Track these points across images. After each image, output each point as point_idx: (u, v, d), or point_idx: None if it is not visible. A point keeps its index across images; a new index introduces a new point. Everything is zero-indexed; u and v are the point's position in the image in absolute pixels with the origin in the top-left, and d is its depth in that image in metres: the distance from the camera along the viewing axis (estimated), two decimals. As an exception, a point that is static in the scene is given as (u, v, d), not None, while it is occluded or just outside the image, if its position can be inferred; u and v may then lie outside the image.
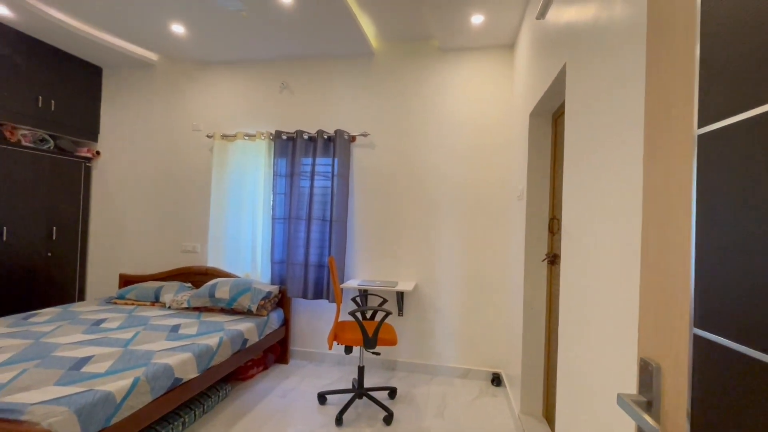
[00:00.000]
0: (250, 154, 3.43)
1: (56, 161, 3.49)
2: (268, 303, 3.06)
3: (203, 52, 3.43)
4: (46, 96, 3.33)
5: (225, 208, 3.47)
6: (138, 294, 3.18)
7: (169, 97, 3.70)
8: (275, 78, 3.48)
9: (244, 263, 3.46)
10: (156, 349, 2.09)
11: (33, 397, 1.47)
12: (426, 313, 3.17)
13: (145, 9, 2.76)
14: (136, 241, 3.74)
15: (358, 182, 3.31)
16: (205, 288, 3.01)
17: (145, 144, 3.75)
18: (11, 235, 3.14)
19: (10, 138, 3.14)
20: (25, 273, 3.26)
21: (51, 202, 3.45)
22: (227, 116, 3.58)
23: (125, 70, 3.80)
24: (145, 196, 3.73)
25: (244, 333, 2.61)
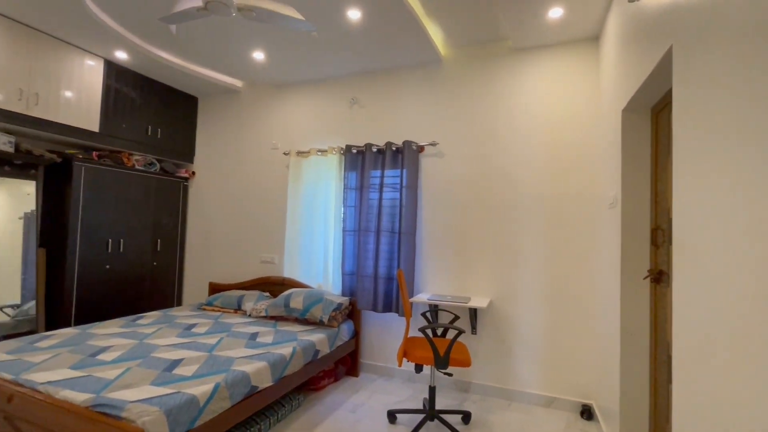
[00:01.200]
0: (322, 168, 3.55)
1: (161, 182, 3.98)
2: (339, 314, 3.09)
3: (280, 76, 3.67)
4: (154, 125, 3.83)
5: (299, 221, 3.62)
6: (223, 301, 3.44)
7: (251, 119, 4.02)
8: (345, 94, 3.58)
9: (316, 274, 3.57)
10: (236, 356, 2.20)
11: (132, 395, 1.62)
12: (502, 332, 2.93)
13: (233, 41, 3.04)
14: (223, 252, 4.08)
15: (426, 193, 3.23)
16: (280, 298, 3.14)
17: (231, 163, 4.10)
18: (126, 247, 3.63)
19: (126, 163, 3.66)
20: (136, 279, 3.74)
21: (156, 218, 3.93)
22: (301, 134, 3.77)
23: (216, 98, 4.23)
24: (231, 210, 4.07)
25: (315, 344, 2.65)
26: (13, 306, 3.06)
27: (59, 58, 3.07)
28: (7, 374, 1.82)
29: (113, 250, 3.52)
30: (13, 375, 1.81)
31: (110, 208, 3.50)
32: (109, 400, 1.56)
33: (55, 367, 1.92)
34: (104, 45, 3.14)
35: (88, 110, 3.26)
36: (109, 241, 3.48)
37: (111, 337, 2.47)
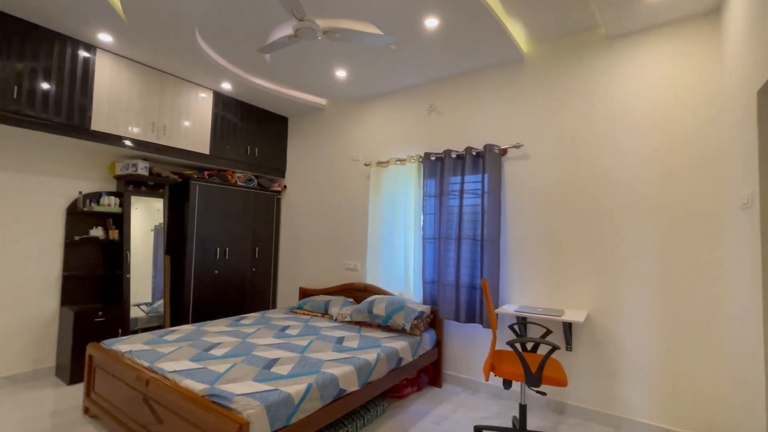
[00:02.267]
0: (401, 177, 3.60)
1: (258, 195, 4.42)
2: (421, 323, 3.07)
3: (360, 91, 3.83)
4: (252, 145, 4.28)
5: (380, 229, 3.71)
6: (312, 306, 3.67)
7: (334, 134, 4.26)
8: (423, 102, 3.60)
9: (397, 281, 3.61)
10: (325, 358, 2.32)
11: (238, 388, 1.80)
12: (604, 351, 2.63)
13: (317, 63, 3.27)
14: (311, 259, 4.36)
15: (510, 198, 3.07)
16: (364, 304, 3.24)
17: (317, 176, 4.39)
18: (230, 254, 4.09)
19: (231, 180, 4.14)
20: (238, 283, 4.18)
21: (254, 228, 4.36)
22: (381, 144, 3.87)
23: (303, 116, 4.58)
24: (318, 220, 4.34)
25: (399, 351, 2.67)
26: (147, 304, 3.64)
27: (180, 94, 3.61)
28: (145, 361, 2.17)
29: (220, 257, 4.00)
30: (148, 362, 2.15)
31: (217, 220, 3.98)
32: (220, 392, 1.76)
33: (179, 358, 2.22)
34: (213, 79, 3.62)
35: (201, 136, 3.78)
36: (217, 249, 3.96)
37: (220, 334, 2.78)
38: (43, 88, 2.77)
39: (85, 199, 3.30)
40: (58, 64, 2.85)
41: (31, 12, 2.61)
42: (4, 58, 2.60)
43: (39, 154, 3.12)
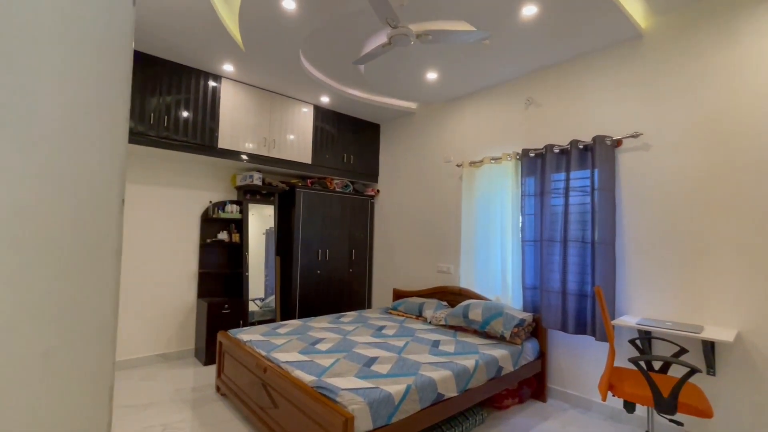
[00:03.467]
0: (497, 176, 3.44)
1: (353, 200, 4.65)
2: (522, 331, 2.88)
3: (450, 91, 3.78)
4: (348, 153, 4.53)
5: (474, 232, 3.59)
6: (406, 307, 3.71)
7: (425, 137, 4.27)
8: (519, 96, 3.39)
9: (493, 286, 3.44)
10: (422, 361, 2.32)
11: (342, 383, 1.90)
12: (765, 378, 2.13)
13: (408, 68, 3.32)
14: (403, 261, 4.42)
15: (627, 194, 2.70)
16: (459, 308, 3.16)
17: (409, 180, 4.45)
18: (330, 256, 4.38)
19: (330, 186, 4.44)
20: (337, 283, 4.45)
21: (350, 231, 4.60)
22: (473, 144, 3.76)
23: (394, 122, 4.70)
24: (410, 223, 4.39)
25: (498, 360, 2.54)
26: (260, 299, 4.09)
27: (285, 110, 4.01)
28: (262, 351, 2.43)
29: (321, 258, 4.30)
30: (265, 352, 2.41)
31: (319, 224, 4.30)
32: (326, 384, 1.88)
33: (290, 350, 2.45)
34: (314, 93, 3.93)
35: (303, 147, 4.13)
36: (318, 251, 4.28)
37: (323, 330, 2.99)
38: (183, 116, 3.32)
39: (214, 208, 3.86)
40: (195, 95, 3.40)
41: (176, 53, 3.16)
42: (157, 95, 3.20)
43: (180, 171, 3.75)
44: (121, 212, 0.26)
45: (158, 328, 3.57)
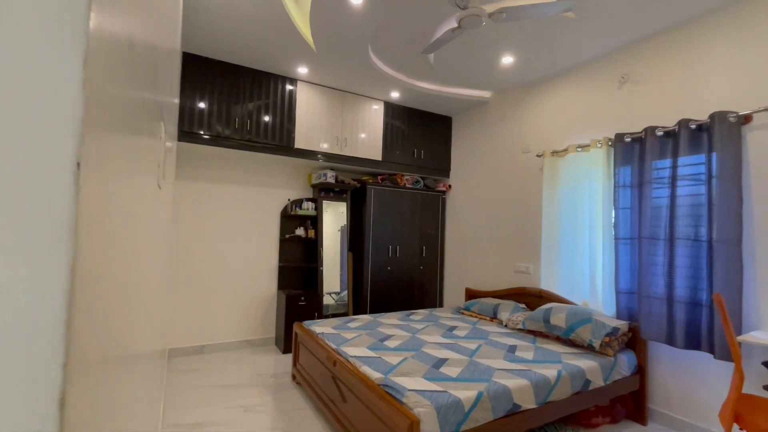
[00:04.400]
0: (584, 166, 3.07)
1: (424, 196, 4.56)
2: (615, 341, 2.53)
3: (529, 74, 3.48)
4: (418, 148, 4.45)
5: (557, 228, 3.26)
6: (480, 308, 3.51)
7: (500, 127, 4.00)
8: (611, 74, 2.98)
9: (580, 289, 3.09)
10: (495, 366, 2.15)
11: (409, 383, 1.84)
12: None
13: (480, 54, 3.13)
14: (477, 259, 4.21)
15: (758, 182, 2.19)
16: (539, 312, 2.89)
17: (482, 173, 4.22)
18: (400, 252, 4.35)
19: (400, 183, 4.41)
20: (407, 280, 4.40)
21: (421, 228, 4.52)
22: (556, 131, 3.41)
23: (466, 113, 4.49)
24: (484, 219, 4.16)
25: (585, 372, 2.25)
26: (335, 293, 4.22)
27: (357, 109, 4.06)
28: (333, 344, 2.48)
29: (392, 255, 4.29)
30: (335, 345, 2.45)
31: (389, 221, 4.29)
32: (393, 383, 1.83)
33: (359, 345, 2.46)
34: (383, 89, 3.92)
35: (374, 144, 4.15)
36: (389, 247, 4.27)
37: (392, 327, 2.96)
38: (264, 120, 3.55)
39: (292, 205, 4.08)
40: (273, 99, 3.61)
41: (257, 60, 3.38)
42: (241, 101, 3.46)
43: (261, 171, 4.03)
44: (76, 180, 0.21)
45: (244, 316, 3.89)
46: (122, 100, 0.46)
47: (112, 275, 0.46)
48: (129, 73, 0.48)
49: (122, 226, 0.52)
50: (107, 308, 0.41)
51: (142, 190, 0.68)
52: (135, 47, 0.51)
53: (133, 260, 0.62)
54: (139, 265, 0.69)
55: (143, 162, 0.66)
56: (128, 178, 0.51)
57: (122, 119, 0.46)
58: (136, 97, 0.55)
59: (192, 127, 3.23)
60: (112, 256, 0.45)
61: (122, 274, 0.53)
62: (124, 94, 0.45)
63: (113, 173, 0.42)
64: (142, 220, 0.70)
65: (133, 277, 0.64)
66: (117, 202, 0.44)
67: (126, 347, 0.60)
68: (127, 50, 0.46)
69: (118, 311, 0.50)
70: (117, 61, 0.40)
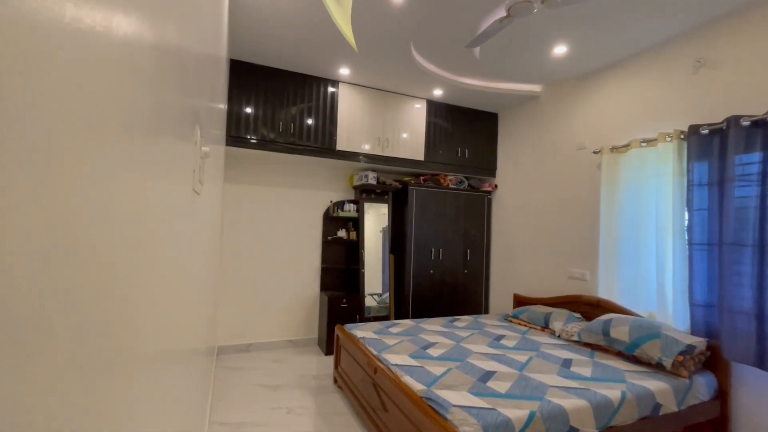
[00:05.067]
0: (649, 163, 2.77)
1: (468, 197, 4.38)
2: (690, 361, 2.23)
3: (585, 64, 3.21)
4: (462, 147, 4.29)
5: (617, 231, 2.97)
6: (529, 316, 3.30)
7: (552, 123, 3.74)
8: (682, 59, 2.66)
9: (645, 299, 2.79)
10: (549, 383, 1.98)
11: (454, 398, 1.73)
12: None
13: (529, 46, 2.92)
14: (526, 263, 3.97)
15: None
16: (597, 323, 2.64)
17: (532, 172, 3.97)
18: (443, 255, 4.21)
19: (443, 183, 4.27)
20: (451, 284, 4.26)
21: (465, 230, 4.34)
22: (616, 125, 3.11)
23: (514, 109, 4.26)
24: (533, 221, 3.91)
25: (654, 394, 2.01)
26: (378, 294, 4.17)
27: (399, 109, 3.99)
28: (374, 350, 2.42)
29: (435, 257, 4.16)
30: (376, 351, 2.39)
31: (432, 222, 4.17)
32: (436, 396, 1.73)
33: (400, 352, 2.38)
34: (426, 87, 3.82)
35: (416, 144, 4.06)
36: (431, 249, 4.15)
37: (435, 334, 2.85)
38: (307, 123, 3.58)
39: (334, 207, 4.09)
40: (316, 102, 3.63)
41: (300, 64, 3.42)
42: (286, 105, 3.51)
43: (304, 173, 4.08)
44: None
45: (288, 317, 3.96)
46: (145, 104, 0.45)
47: (141, 274, 0.47)
48: (151, 77, 0.47)
49: (151, 230, 0.52)
50: (129, 304, 0.42)
51: (171, 194, 0.66)
52: (159, 50, 0.51)
53: (164, 263, 0.62)
54: (171, 267, 0.69)
55: (169, 166, 0.63)
56: (150, 182, 0.49)
57: (144, 123, 0.45)
58: (159, 102, 0.53)
59: (240, 131, 3.33)
60: (138, 258, 0.45)
61: (152, 273, 0.54)
62: (145, 99, 0.45)
63: (133, 177, 0.42)
64: (172, 224, 0.68)
65: (165, 277, 0.64)
66: (137, 206, 0.44)
67: (158, 344, 0.61)
68: (148, 54, 0.46)
69: (146, 308, 0.51)
70: (133, 65, 0.40)
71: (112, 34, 0.32)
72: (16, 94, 0.20)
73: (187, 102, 0.77)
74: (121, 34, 0.34)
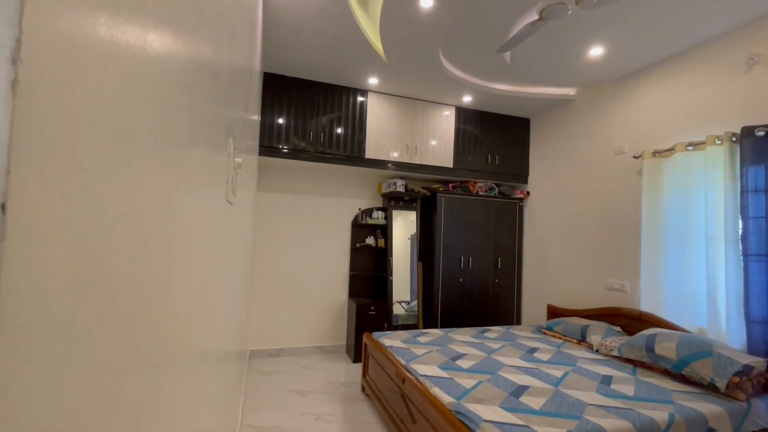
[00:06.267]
0: (696, 168, 2.60)
1: (499, 204, 4.28)
2: (747, 383, 2.05)
3: (623, 66, 3.07)
4: (492, 153, 4.21)
5: (661, 240, 2.80)
6: (565, 329, 3.15)
7: (588, 127, 3.60)
8: (732, 56, 2.49)
9: (693, 314, 2.60)
10: (587, 401, 1.87)
11: (485, 412, 1.67)
12: None
13: (563, 48, 2.84)
14: (560, 273, 3.81)
15: None
16: (640, 338, 2.48)
17: (566, 179, 3.83)
18: (473, 264, 4.12)
19: (472, 190, 4.20)
20: (481, 293, 4.15)
21: (496, 238, 4.24)
22: (658, 128, 2.95)
23: (547, 114, 4.13)
24: (568, 229, 3.75)
25: (707, 418, 1.85)
26: (406, 302, 4.14)
27: (427, 116, 3.98)
28: (402, 359, 2.39)
29: (464, 266, 4.08)
30: (405, 361, 2.36)
31: (461, 230, 4.10)
32: (466, 410, 1.68)
33: (429, 362, 2.33)
34: (455, 94, 3.79)
35: (445, 151, 4.02)
36: (461, 258, 4.07)
37: (465, 345, 2.78)
38: (337, 132, 3.64)
39: (362, 214, 4.11)
40: (345, 111, 3.69)
41: (330, 75, 3.49)
42: (316, 115, 3.59)
43: (333, 182, 4.14)
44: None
45: (316, 323, 4.00)
46: (179, 117, 0.47)
47: (174, 281, 0.49)
48: (185, 91, 0.49)
49: (184, 240, 0.54)
50: (162, 310, 0.44)
51: (204, 205, 0.68)
52: (194, 66, 0.53)
53: (197, 271, 0.64)
54: (204, 276, 0.71)
55: (203, 177, 0.65)
56: (184, 192, 0.51)
57: (177, 136, 0.47)
58: (193, 114, 0.54)
59: (272, 141, 3.43)
60: (171, 266, 0.47)
61: (186, 281, 0.56)
62: (179, 112, 0.46)
63: (166, 187, 0.43)
64: (206, 234, 0.71)
65: (198, 284, 0.66)
66: (170, 215, 0.45)
67: (193, 347, 0.63)
68: (183, 69, 0.47)
69: (180, 314, 0.53)
70: (168, 80, 0.41)
71: (145, 49, 0.33)
72: (49, 107, 0.20)
73: (220, 114, 0.80)
74: (154, 49, 0.35)
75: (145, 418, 0.39)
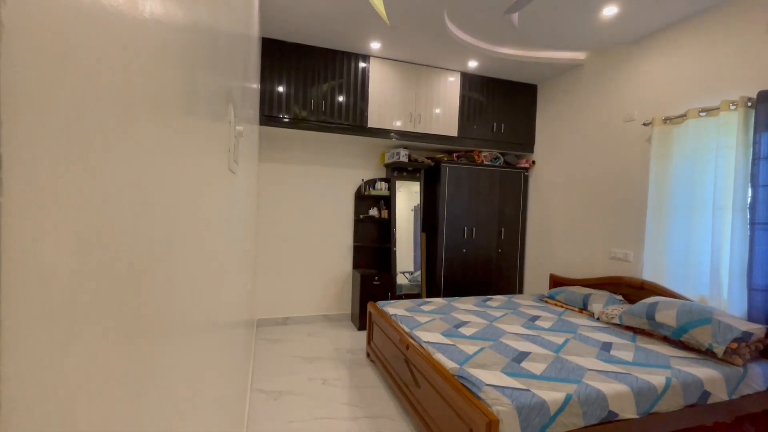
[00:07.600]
0: (708, 134, 2.53)
1: (504, 174, 4.23)
2: (745, 348, 2.09)
3: (636, 27, 2.93)
4: (498, 122, 4.11)
5: (667, 209, 2.78)
6: (566, 298, 3.19)
7: (597, 93, 3.48)
8: (750, 18, 2.36)
9: (696, 283, 2.62)
10: (586, 366, 1.92)
11: (487, 377, 1.72)
12: None
13: (573, 8, 2.70)
14: (563, 243, 3.82)
15: None
16: (641, 306, 2.51)
17: (573, 147, 3.75)
18: (477, 234, 4.13)
19: (477, 160, 4.14)
20: (484, 263, 4.19)
21: (500, 208, 4.22)
22: (670, 94, 2.85)
23: (555, 80, 4.00)
24: (573, 198, 3.72)
25: (703, 382, 1.90)
26: (409, 272, 4.19)
27: (431, 82, 3.86)
28: (406, 327, 2.45)
29: (467, 236, 4.10)
30: (408, 328, 2.41)
31: (465, 200, 4.08)
32: (469, 375, 1.73)
33: (433, 330, 2.39)
34: (461, 59, 3.65)
35: (449, 119, 3.93)
36: (464, 228, 4.08)
37: (468, 313, 2.83)
38: (338, 100, 3.55)
39: (365, 185, 4.09)
40: (347, 78, 3.58)
41: (330, 40, 3.36)
42: (317, 83, 3.49)
43: (335, 152, 4.08)
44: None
45: (322, 292, 4.07)
46: (176, 84, 0.45)
47: (177, 251, 0.49)
48: (182, 56, 0.47)
49: (187, 209, 0.53)
50: (168, 280, 0.44)
51: (206, 173, 0.67)
52: (191, 30, 0.50)
53: (201, 240, 0.64)
54: (209, 244, 0.72)
55: (204, 146, 0.63)
56: (184, 161, 0.50)
57: (176, 103, 0.45)
58: (192, 81, 0.52)
59: (272, 110, 3.36)
60: (175, 236, 0.46)
61: (190, 250, 0.56)
62: (177, 78, 0.44)
63: (167, 155, 0.42)
64: (209, 203, 0.70)
65: (202, 253, 0.66)
66: (172, 184, 0.45)
67: (199, 315, 0.64)
68: (179, 33, 0.46)
69: (186, 283, 0.53)
70: (164, 45, 0.39)
71: (141, 13, 0.31)
72: (47, 72, 0.19)
73: (219, 81, 0.77)
74: (150, 14, 0.33)
75: (157, 382, 0.40)
